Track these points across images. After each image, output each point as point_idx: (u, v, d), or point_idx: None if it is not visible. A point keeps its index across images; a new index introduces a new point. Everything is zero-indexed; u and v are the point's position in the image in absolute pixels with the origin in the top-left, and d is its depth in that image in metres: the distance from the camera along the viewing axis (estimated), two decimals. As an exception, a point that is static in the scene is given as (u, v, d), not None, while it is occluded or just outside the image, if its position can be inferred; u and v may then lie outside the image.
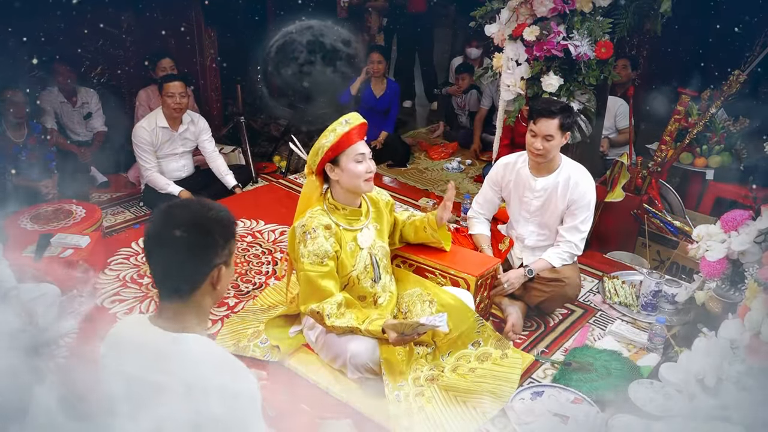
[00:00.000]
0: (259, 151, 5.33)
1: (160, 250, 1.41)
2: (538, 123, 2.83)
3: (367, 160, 2.45)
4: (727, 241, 2.82)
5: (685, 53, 4.99)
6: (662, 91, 3.84)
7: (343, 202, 2.51)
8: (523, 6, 3.28)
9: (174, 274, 1.42)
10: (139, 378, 1.37)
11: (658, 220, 3.62)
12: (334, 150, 2.40)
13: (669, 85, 4.18)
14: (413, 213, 2.94)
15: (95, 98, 4.73)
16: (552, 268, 2.99)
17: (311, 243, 2.39)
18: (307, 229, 2.42)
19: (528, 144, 2.90)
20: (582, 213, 2.96)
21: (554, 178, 2.97)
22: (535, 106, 2.89)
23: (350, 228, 2.52)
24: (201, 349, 1.40)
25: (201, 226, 1.41)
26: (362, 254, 2.54)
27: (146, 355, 1.39)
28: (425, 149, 5.59)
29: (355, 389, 2.49)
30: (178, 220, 1.40)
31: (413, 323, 2.26)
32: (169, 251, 1.39)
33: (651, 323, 2.97)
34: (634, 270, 3.50)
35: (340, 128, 2.41)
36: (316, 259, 2.39)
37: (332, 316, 2.39)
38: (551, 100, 3.05)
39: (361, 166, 2.42)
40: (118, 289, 3.21)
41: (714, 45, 4.76)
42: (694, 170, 4.11)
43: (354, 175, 2.42)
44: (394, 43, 7.17)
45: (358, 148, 2.43)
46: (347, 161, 2.41)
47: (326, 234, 2.42)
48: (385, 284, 2.64)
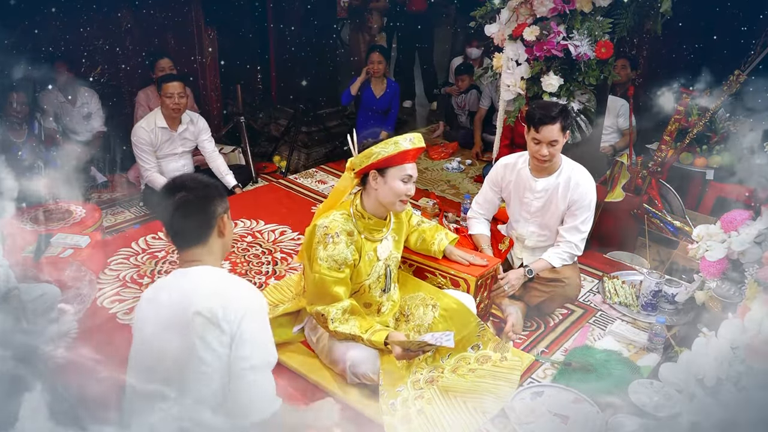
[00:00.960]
0: (259, 151, 5.33)
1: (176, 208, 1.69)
2: (541, 131, 2.80)
3: (412, 183, 2.44)
4: (727, 241, 2.83)
5: (686, 53, 4.98)
6: (662, 91, 3.83)
7: (371, 211, 2.49)
8: (523, 6, 3.28)
9: (188, 228, 1.72)
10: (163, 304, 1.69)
11: (658, 220, 3.62)
12: (388, 161, 2.39)
13: (669, 85, 4.17)
14: (422, 219, 2.94)
15: (95, 98, 4.73)
16: (552, 268, 2.99)
17: (332, 247, 2.38)
18: (329, 232, 2.39)
19: (533, 152, 2.89)
20: (582, 213, 2.96)
21: (555, 179, 2.96)
22: (533, 114, 2.84)
23: (371, 238, 2.51)
24: (209, 270, 1.72)
25: (201, 184, 1.74)
26: (378, 265, 2.54)
27: (168, 285, 1.74)
28: (425, 149, 5.58)
29: (355, 389, 2.48)
30: (181, 183, 1.73)
31: (420, 342, 2.25)
32: (183, 206, 1.69)
33: (651, 323, 2.97)
34: (634, 270, 3.50)
35: (404, 144, 2.40)
36: (334, 264, 2.38)
37: (336, 320, 2.38)
38: (547, 104, 2.99)
39: (404, 186, 2.41)
40: (118, 289, 3.21)
41: (714, 45, 4.75)
42: (694, 170, 4.10)
43: (394, 193, 2.40)
44: (394, 41, 7.17)
45: (408, 170, 2.42)
46: (394, 177, 2.40)
47: (348, 241, 2.41)
48: (390, 294, 2.65)
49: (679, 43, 4.93)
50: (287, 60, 5.53)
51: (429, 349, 2.34)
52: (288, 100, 5.60)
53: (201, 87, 5.34)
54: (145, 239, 3.71)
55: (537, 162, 2.92)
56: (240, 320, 1.62)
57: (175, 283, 1.72)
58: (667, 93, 3.63)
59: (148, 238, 3.71)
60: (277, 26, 5.51)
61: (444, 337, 2.23)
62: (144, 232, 3.79)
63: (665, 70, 4.93)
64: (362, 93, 5.32)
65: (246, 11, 5.64)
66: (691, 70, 4.05)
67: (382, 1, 6.39)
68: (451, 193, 4.72)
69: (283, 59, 5.57)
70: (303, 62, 5.47)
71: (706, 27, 4.84)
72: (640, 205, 3.65)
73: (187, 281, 1.70)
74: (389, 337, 2.33)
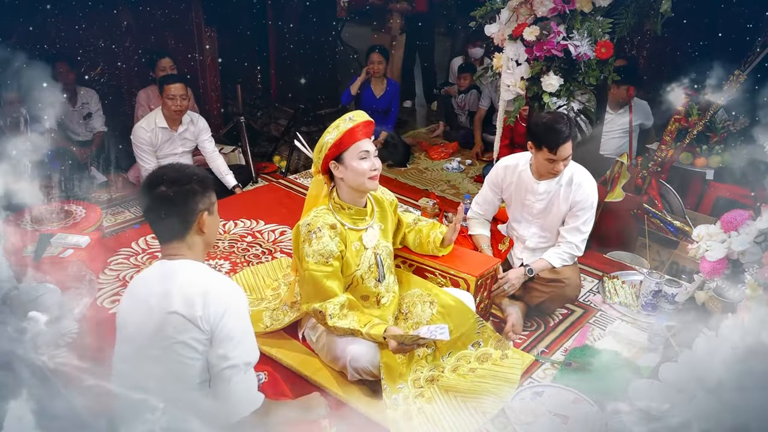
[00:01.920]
0: (259, 151, 5.33)
1: (154, 202, 1.68)
2: (557, 152, 2.78)
3: (372, 157, 2.43)
4: (727, 241, 2.83)
5: (686, 53, 4.98)
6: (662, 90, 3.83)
7: (349, 201, 2.50)
8: (523, 6, 3.28)
9: (167, 222, 1.70)
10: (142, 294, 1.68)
11: (658, 220, 3.62)
12: (338, 147, 2.39)
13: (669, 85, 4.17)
14: (419, 217, 2.94)
15: (95, 98, 4.73)
16: (552, 268, 2.99)
17: (316, 242, 2.39)
18: (312, 228, 2.41)
19: (546, 169, 2.88)
20: (584, 214, 2.96)
21: (557, 181, 2.96)
22: (544, 137, 2.76)
23: (355, 228, 2.51)
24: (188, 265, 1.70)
25: (181, 179, 1.70)
26: (367, 254, 2.53)
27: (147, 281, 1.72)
28: (425, 149, 5.59)
29: (355, 389, 2.49)
30: (162, 176, 1.70)
31: (414, 336, 2.26)
32: (161, 201, 1.67)
33: (651, 323, 2.97)
34: (634, 270, 3.50)
35: (344, 125, 2.40)
36: (321, 258, 2.39)
37: (334, 316, 2.38)
38: (556, 126, 2.76)
39: (365, 163, 2.40)
40: (118, 289, 3.21)
41: (714, 45, 4.75)
42: (694, 170, 4.10)
43: (358, 173, 2.40)
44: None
45: (363, 146, 2.40)
46: (351, 158, 2.39)
47: (331, 233, 2.41)
48: (388, 284, 2.63)
49: (680, 42, 4.93)
50: (287, 59, 5.54)
51: (423, 343, 2.34)
52: (288, 99, 5.60)
53: (201, 87, 5.34)
54: (145, 239, 3.71)
55: (550, 175, 2.93)
56: (219, 319, 1.60)
57: (155, 278, 1.70)
58: (667, 93, 3.63)
59: (148, 238, 3.71)
60: (277, 25, 5.51)
61: (438, 330, 2.23)
62: (144, 232, 3.79)
63: (665, 69, 4.93)
64: (362, 93, 5.32)
65: (245, 10, 5.64)
66: (692, 70, 4.04)
67: (403, 4, 6.36)
68: (451, 193, 4.72)
69: (283, 59, 5.57)
70: (303, 62, 5.47)
71: (707, 26, 4.84)
72: (640, 205, 3.65)
73: (166, 278, 1.68)
74: (387, 331, 2.33)
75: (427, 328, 2.28)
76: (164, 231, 1.73)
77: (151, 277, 1.72)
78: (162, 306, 1.61)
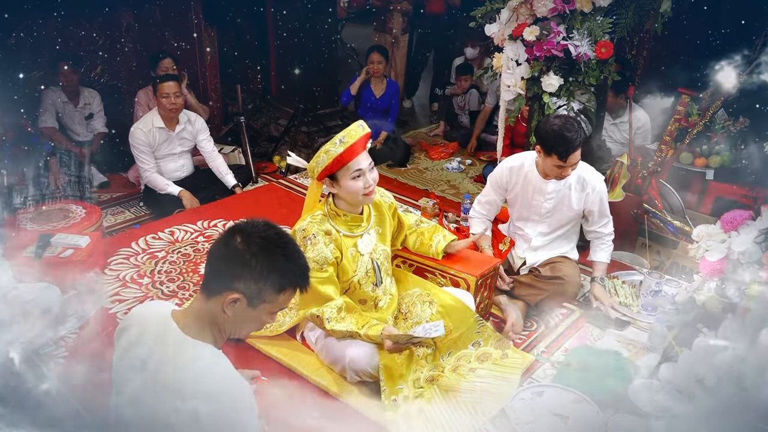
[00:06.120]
0: (259, 151, 5.32)
1: (219, 244, 1.47)
2: (569, 159, 2.80)
3: (367, 174, 2.37)
4: (727, 241, 2.82)
5: (686, 53, 4.98)
6: (662, 90, 3.84)
7: (345, 209, 2.48)
8: (523, 6, 3.28)
9: (208, 271, 1.48)
10: (151, 370, 1.43)
11: (658, 220, 3.62)
12: (330, 170, 2.34)
13: (669, 85, 4.17)
14: (421, 219, 2.94)
15: (97, 99, 4.73)
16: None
17: (311, 249, 2.37)
18: (307, 235, 2.40)
19: (555, 174, 2.91)
20: (606, 207, 3.09)
21: (565, 180, 2.97)
22: (555, 146, 2.76)
23: (351, 234, 2.50)
24: (203, 357, 1.44)
25: (242, 243, 1.43)
26: (363, 259, 2.53)
27: (164, 350, 1.44)
28: (425, 149, 5.59)
29: (355, 390, 2.48)
30: (240, 229, 1.46)
31: (407, 335, 2.25)
32: (214, 249, 1.47)
33: (651, 323, 2.97)
34: (634, 270, 3.50)
35: (333, 150, 2.30)
36: (315, 265, 2.38)
37: (332, 320, 2.38)
38: (568, 129, 2.76)
39: (359, 182, 2.36)
40: (118, 289, 3.21)
41: (714, 45, 4.75)
42: (694, 170, 4.10)
43: (352, 192, 2.38)
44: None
45: (357, 164, 2.34)
46: (345, 179, 2.36)
47: (326, 240, 2.40)
48: (385, 287, 2.63)
49: (680, 43, 4.93)
50: (287, 60, 5.53)
51: (417, 341, 2.34)
52: (288, 99, 5.60)
53: (201, 87, 5.34)
54: (145, 239, 3.71)
55: (557, 179, 2.96)
56: (223, 419, 1.42)
57: (163, 349, 1.45)
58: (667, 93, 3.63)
59: (148, 238, 3.71)
60: (277, 25, 5.51)
61: (433, 327, 2.23)
62: (144, 232, 3.79)
63: (665, 70, 4.93)
64: (362, 93, 5.32)
65: (246, 11, 5.64)
66: (691, 70, 4.04)
67: (404, 4, 6.35)
68: (451, 193, 4.72)
69: (283, 59, 5.57)
70: (303, 62, 5.47)
71: (706, 27, 4.84)
72: (640, 205, 3.65)
73: (174, 362, 1.42)
74: (383, 331, 2.33)
75: (422, 327, 2.28)
76: (205, 280, 1.50)
77: (158, 344, 1.46)
78: (163, 399, 1.42)
